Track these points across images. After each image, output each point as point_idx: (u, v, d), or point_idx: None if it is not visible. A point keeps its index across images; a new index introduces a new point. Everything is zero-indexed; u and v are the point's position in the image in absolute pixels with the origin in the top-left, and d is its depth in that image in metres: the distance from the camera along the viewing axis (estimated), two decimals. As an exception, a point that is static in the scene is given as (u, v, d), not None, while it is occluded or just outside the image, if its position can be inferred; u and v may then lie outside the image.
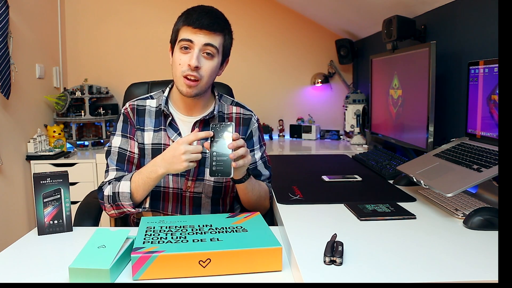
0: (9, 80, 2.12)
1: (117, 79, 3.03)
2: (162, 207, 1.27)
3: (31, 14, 2.54)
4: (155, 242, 0.91)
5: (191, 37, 1.15)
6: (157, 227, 1.02)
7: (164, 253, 0.86)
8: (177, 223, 1.05)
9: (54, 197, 1.12)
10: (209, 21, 1.15)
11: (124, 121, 1.28)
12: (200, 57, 1.16)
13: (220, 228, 1.01)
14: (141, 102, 1.29)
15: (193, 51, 1.15)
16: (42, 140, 2.58)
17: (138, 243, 0.91)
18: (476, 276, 0.76)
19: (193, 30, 1.15)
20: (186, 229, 1.00)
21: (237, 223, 1.04)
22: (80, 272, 0.84)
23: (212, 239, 0.93)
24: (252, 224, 1.03)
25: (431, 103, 1.59)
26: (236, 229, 1.00)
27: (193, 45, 1.15)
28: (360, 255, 0.86)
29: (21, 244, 1.07)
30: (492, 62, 1.24)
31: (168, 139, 1.24)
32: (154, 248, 0.88)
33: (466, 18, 1.62)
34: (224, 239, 0.93)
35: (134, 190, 1.16)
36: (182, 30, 1.17)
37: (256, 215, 1.09)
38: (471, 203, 1.14)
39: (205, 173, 1.26)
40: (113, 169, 1.24)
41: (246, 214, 1.10)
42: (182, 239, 0.94)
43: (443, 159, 1.29)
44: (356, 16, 2.61)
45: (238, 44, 3.32)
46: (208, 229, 1.00)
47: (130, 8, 3.03)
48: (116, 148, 1.25)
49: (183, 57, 1.16)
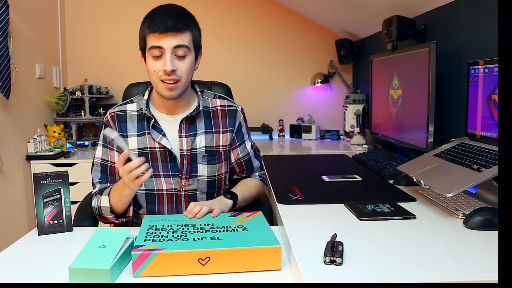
0: (9, 80, 2.12)
1: (117, 79, 3.03)
2: (158, 210, 1.27)
3: (31, 14, 2.54)
4: (156, 240, 0.93)
5: (160, 43, 1.13)
6: (159, 225, 1.03)
7: (164, 251, 0.87)
8: (179, 221, 1.06)
9: (54, 197, 1.12)
10: (173, 22, 1.13)
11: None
12: (174, 60, 1.15)
13: (222, 227, 1.02)
14: (121, 108, 1.29)
15: (165, 56, 1.14)
16: (42, 140, 2.58)
17: (139, 241, 0.93)
18: (476, 276, 0.76)
19: (160, 35, 1.13)
20: (187, 228, 1.01)
21: (239, 222, 1.05)
22: (80, 272, 0.84)
23: (212, 238, 0.94)
24: (253, 223, 1.04)
25: (431, 103, 1.59)
26: (237, 228, 1.00)
27: (163, 50, 1.14)
28: (360, 255, 0.86)
29: (21, 244, 1.07)
30: (492, 62, 1.24)
31: (153, 142, 1.24)
32: (155, 246, 0.89)
33: (466, 18, 1.62)
34: (224, 238, 0.94)
35: (113, 205, 1.20)
36: (149, 37, 1.15)
37: (257, 215, 1.10)
38: (471, 203, 1.14)
39: (197, 169, 1.26)
40: (97, 182, 1.28)
41: (248, 214, 1.11)
42: (183, 237, 0.95)
43: (443, 159, 1.29)
44: (356, 16, 2.61)
45: (238, 44, 3.34)
46: (209, 228, 1.01)
47: (130, 8, 3.03)
48: (99, 159, 1.28)
49: (157, 64, 1.15)
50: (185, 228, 1.01)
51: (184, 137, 1.25)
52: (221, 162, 1.30)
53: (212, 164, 1.28)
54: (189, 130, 1.26)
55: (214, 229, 1.00)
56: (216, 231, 0.99)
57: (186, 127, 1.25)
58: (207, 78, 1.67)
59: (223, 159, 1.31)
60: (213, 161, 1.28)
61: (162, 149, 1.24)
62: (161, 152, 1.24)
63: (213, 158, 1.28)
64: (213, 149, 1.28)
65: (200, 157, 1.26)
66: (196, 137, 1.26)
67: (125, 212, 1.22)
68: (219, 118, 1.31)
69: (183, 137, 1.24)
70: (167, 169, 1.25)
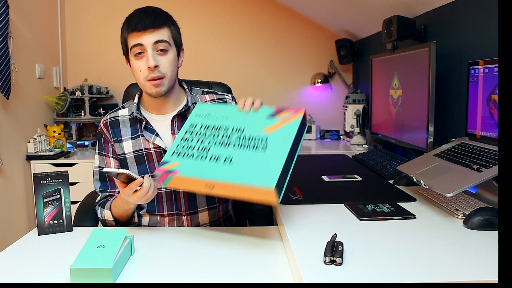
0: (9, 80, 2.12)
1: (117, 79, 3.03)
2: (158, 209, 1.27)
3: (31, 14, 2.54)
4: (180, 155, 1.07)
5: (140, 41, 1.15)
6: (198, 125, 1.13)
7: (177, 174, 1.02)
8: (218, 120, 1.13)
9: (54, 197, 1.12)
10: (150, 20, 1.16)
11: (99, 139, 1.32)
12: (156, 56, 1.16)
13: (248, 138, 1.05)
14: (113, 114, 1.32)
15: (146, 53, 1.16)
16: (42, 140, 2.58)
17: (168, 156, 1.08)
18: (476, 276, 0.76)
19: (139, 33, 1.15)
20: (218, 135, 1.09)
21: (268, 132, 1.05)
22: (82, 272, 0.84)
23: (226, 159, 1.02)
24: (280, 136, 1.03)
25: (431, 103, 1.59)
26: (258, 145, 1.02)
27: (144, 47, 1.16)
28: (360, 255, 0.86)
29: (21, 244, 1.07)
30: (492, 62, 1.24)
31: (147, 143, 1.25)
32: (174, 165, 1.04)
33: (466, 18, 1.62)
34: (235, 162, 1.00)
35: (117, 218, 1.24)
36: (129, 37, 1.18)
37: (294, 120, 1.06)
38: (471, 203, 1.14)
39: None
40: (98, 191, 1.31)
41: (288, 114, 1.08)
42: (204, 153, 1.05)
43: (443, 159, 1.29)
44: (356, 16, 2.61)
45: (238, 44, 3.34)
46: (235, 138, 1.06)
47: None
48: (97, 167, 1.31)
49: (140, 63, 1.17)
50: (216, 136, 1.08)
51: (177, 134, 1.25)
52: None
53: None
54: (181, 126, 1.26)
55: (239, 141, 1.05)
56: (238, 147, 1.03)
57: (178, 124, 1.26)
58: (207, 78, 1.67)
59: None
60: None
61: (157, 149, 1.25)
62: (156, 152, 1.25)
63: None
64: None
65: None
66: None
67: (131, 219, 1.27)
68: None
69: (175, 134, 1.26)
70: None
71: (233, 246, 1.05)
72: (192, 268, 0.93)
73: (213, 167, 1.01)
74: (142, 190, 1.05)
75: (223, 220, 1.36)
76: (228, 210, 1.39)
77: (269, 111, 1.10)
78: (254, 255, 1.00)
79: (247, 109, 1.11)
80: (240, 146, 1.04)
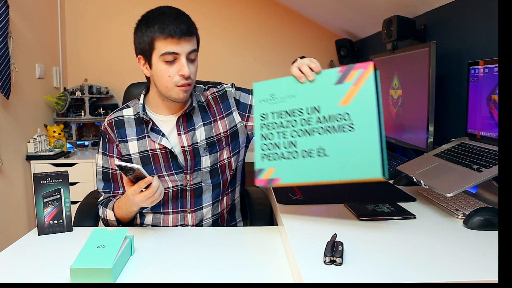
0: (9, 80, 2.12)
1: (117, 79, 3.03)
2: (163, 207, 1.27)
3: (31, 14, 2.54)
4: (271, 158, 1.03)
5: (175, 49, 1.13)
6: (268, 114, 1.05)
7: (279, 182, 1.02)
8: (286, 102, 1.03)
9: (54, 197, 1.12)
10: (186, 27, 1.13)
11: (103, 139, 1.30)
12: (188, 64, 1.15)
13: (328, 118, 0.98)
14: (118, 114, 1.30)
15: (180, 61, 1.14)
16: (42, 140, 2.58)
17: (258, 160, 1.05)
18: (476, 276, 0.76)
19: (177, 40, 1.12)
20: (295, 121, 1.02)
21: (345, 104, 0.96)
22: (82, 272, 0.84)
23: (319, 152, 0.98)
24: (361, 106, 0.95)
25: (431, 103, 1.59)
26: (342, 125, 0.96)
27: (178, 56, 1.14)
28: (360, 255, 0.86)
29: (21, 244, 1.07)
30: (492, 62, 1.24)
31: (153, 143, 1.25)
32: (271, 173, 1.03)
33: (466, 18, 1.62)
34: (330, 154, 0.97)
35: (120, 218, 1.24)
36: (161, 42, 1.13)
37: (368, 78, 0.95)
38: (471, 203, 1.14)
39: (201, 162, 1.27)
40: (102, 191, 1.30)
41: (358, 73, 0.96)
42: (293, 148, 1.01)
43: (443, 159, 1.29)
44: (356, 16, 2.61)
45: (238, 44, 3.33)
46: (315, 121, 0.99)
47: (130, 8, 3.03)
48: (101, 167, 1.30)
49: (170, 68, 1.15)
50: (294, 124, 1.01)
51: (183, 134, 1.25)
52: (222, 149, 1.30)
53: (214, 153, 1.29)
54: (187, 126, 1.27)
55: (321, 124, 0.98)
56: (323, 132, 0.98)
57: (184, 124, 1.26)
58: (207, 78, 1.67)
59: (224, 145, 1.31)
60: (214, 150, 1.29)
61: (163, 149, 1.24)
62: (162, 152, 1.25)
63: (213, 147, 1.29)
64: (213, 139, 1.29)
65: (202, 149, 1.27)
66: (196, 131, 1.27)
67: (133, 220, 1.27)
68: (213, 106, 1.32)
69: (182, 134, 1.25)
70: (170, 168, 1.25)
71: (234, 246, 1.05)
72: (192, 268, 0.93)
73: (310, 166, 0.98)
74: (150, 190, 1.05)
75: (227, 212, 1.36)
76: (234, 199, 1.39)
77: (333, 75, 0.98)
78: (254, 255, 1.00)
79: (311, 78, 1.00)
80: (325, 130, 0.98)
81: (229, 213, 1.38)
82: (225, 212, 1.35)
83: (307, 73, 1.01)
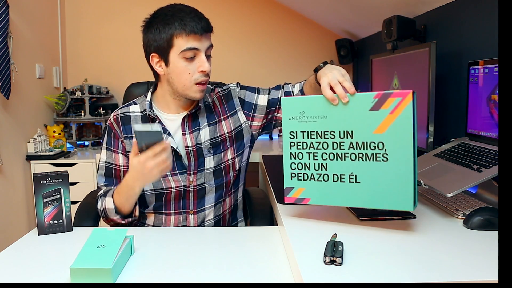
0: (9, 80, 2.12)
1: (117, 79, 3.03)
2: (165, 208, 1.27)
3: (31, 14, 2.54)
4: (301, 177, 1.03)
5: (196, 45, 1.14)
6: (298, 133, 1.02)
7: (309, 203, 1.03)
8: (317, 123, 0.99)
9: (54, 197, 1.12)
10: (205, 23, 1.15)
11: (108, 134, 1.29)
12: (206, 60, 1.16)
13: (361, 144, 0.95)
14: (124, 110, 1.29)
15: (199, 57, 1.15)
16: (42, 140, 2.58)
17: (287, 178, 1.05)
18: (476, 276, 0.76)
19: (199, 37, 1.13)
20: (326, 143, 0.99)
21: (379, 132, 0.93)
22: (82, 272, 0.84)
23: (351, 178, 0.97)
24: (396, 137, 0.91)
25: (431, 103, 1.59)
26: (376, 154, 0.93)
27: (199, 51, 1.14)
28: (360, 255, 0.86)
29: (21, 244, 1.07)
30: (492, 62, 1.24)
31: None
32: (301, 192, 1.03)
33: (466, 18, 1.62)
34: (362, 182, 0.96)
35: (118, 206, 1.19)
36: (182, 38, 1.12)
37: (405, 108, 0.90)
38: (471, 203, 1.14)
39: (204, 163, 1.26)
40: (102, 185, 1.28)
41: (395, 102, 0.91)
42: (324, 171, 1.00)
43: (443, 159, 1.29)
44: (356, 16, 2.61)
45: (237, 44, 3.33)
46: (348, 146, 0.96)
47: (130, 8, 3.03)
48: (103, 162, 1.28)
49: (190, 65, 1.15)
50: (326, 146, 0.99)
51: (188, 134, 1.25)
52: (226, 149, 1.29)
53: (218, 154, 1.28)
54: (192, 126, 1.26)
55: (353, 150, 0.95)
56: (356, 158, 0.95)
57: (189, 124, 1.25)
58: (207, 78, 1.67)
59: (228, 146, 1.29)
60: (218, 151, 1.28)
61: None
62: None
63: (217, 148, 1.28)
64: (218, 139, 1.28)
65: (206, 150, 1.26)
66: (200, 131, 1.26)
67: (132, 212, 1.22)
68: (218, 107, 1.31)
69: (186, 134, 1.24)
70: (174, 168, 1.25)
71: (233, 246, 1.05)
72: (192, 268, 0.93)
73: (341, 190, 0.98)
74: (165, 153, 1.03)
75: (229, 212, 1.36)
76: (237, 200, 1.39)
77: (369, 99, 0.93)
78: (254, 255, 1.00)
79: (345, 100, 0.96)
80: (357, 156, 0.95)
81: (231, 213, 1.38)
82: (227, 213, 1.35)
83: (341, 95, 0.96)
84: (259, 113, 1.32)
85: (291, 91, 1.33)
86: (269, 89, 1.36)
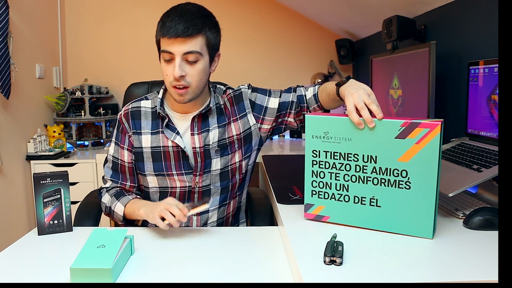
0: (9, 80, 2.12)
1: (117, 79, 3.03)
2: None
3: (31, 14, 2.54)
4: (321, 196, 1.03)
5: (170, 49, 1.11)
6: (321, 152, 1.01)
7: (328, 220, 1.04)
8: (341, 145, 0.98)
9: (54, 197, 1.12)
10: (183, 27, 1.09)
11: (117, 128, 1.29)
12: (184, 65, 1.12)
13: (384, 170, 0.94)
14: (135, 104, 1.28)
15: (174, 62, 1.12)
16: (42, 140, 2.58)
17: (307, 195, 1.05)
18: (476, 276, 0.76)
19: (169, 40, 1.10)
20: (349, 165, 0.98)
21: (404, 160, 0.92)
22: (82, 272, 0.84)
23: (372, 201, 0.98)
24: (421, 167, 0.91)
25: (431, 103, 1.59)
26: (399, 182, 0.93)
27: (173, 55, 1.12)
28: (360, 255, 0.86)
29: (21, 244, 1.07)
30: (492, 62, 1.24)
31: (167, 140, 1.23)
32: (321, 210, 1.04)
33: (466, 18, 1.62)
34: (382, 206, 0.96)
35: (127, 215, 1.23)
36: (162, 41, 1.13)
37: (432, 140, 0.89)
38: (471, 203, 1.14)
39: (211, 164, 1.26)
40: (109, 179, 1.30)
41: (422, 132, 0.90)
42: (345, 192, 1.00)
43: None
44: (356, 16, 2.61)
45: (238, 44, 3.33)
46: (371, 171, 0.96)
47: (130, 8, 3.03)
48: (111, 156, 1.30)
49: (168, 68, 1.14)
50: (348, 168, 0.98)
51: (196, 135, 1.24)
52: (234, 152, 1.28)
53: (225, 156, 1.27)
54: (202, 127, 1.25)
55: (376, 175, 0.95)
56: (378, 183, 0.95)
57: (198, 124, 1.24)
58: (207, 78, 1.67)
59: (236, 148, 1.28)
60: (225, 153, 1.27)
61: (175, 148, 1.23)
62: (174, 151, 1.23)
63: (225, 150, 1.27)
64: (225, 141, 1.27)
65: (213, 152, 1.25)
66: (209, 132, 1.25)
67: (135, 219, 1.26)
68: (229, 108, 1.29)
69: (195, 135, 1.24)
70: (180, 167, 1.24)
71: (233, 246, 1.05)
72: (192, 268, 0.93)
73: (361, 212, 0.99)
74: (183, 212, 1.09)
75: (232, 215, 1.36)
76: (240, 202, 1.38)
77: (395, 127, 0.92)
78: (254, 255, 1.00)
79: (371, 125, 0.94)
80: (380, 181, 0.96)
81: (234, 216, 1.38)
82: (231, 216, 1.35)
83: (367, 120, 0.94)
84: (269, 116, 1.30)
85: (303, 95, 1.28)
86: (281, 92, 1.32)
